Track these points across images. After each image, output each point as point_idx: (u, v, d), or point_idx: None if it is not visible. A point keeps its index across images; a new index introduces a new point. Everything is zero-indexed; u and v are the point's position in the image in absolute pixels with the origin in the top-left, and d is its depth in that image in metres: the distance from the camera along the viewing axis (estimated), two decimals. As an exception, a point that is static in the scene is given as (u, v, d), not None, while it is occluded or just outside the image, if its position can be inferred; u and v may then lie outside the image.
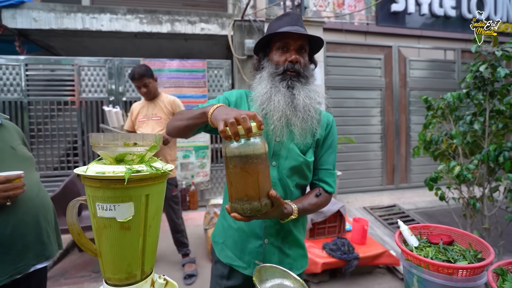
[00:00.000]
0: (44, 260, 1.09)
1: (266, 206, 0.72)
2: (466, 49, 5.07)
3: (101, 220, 0.54)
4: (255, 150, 0.67)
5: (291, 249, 0.97)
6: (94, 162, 0.58)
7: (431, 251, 0.84)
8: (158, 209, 0.61)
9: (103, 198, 0.53)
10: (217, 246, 1.01)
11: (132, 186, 0.53)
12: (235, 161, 0.68)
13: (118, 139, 0.54)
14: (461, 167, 1.56)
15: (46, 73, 3.44)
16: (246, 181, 0.68)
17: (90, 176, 0.52)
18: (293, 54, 0.88)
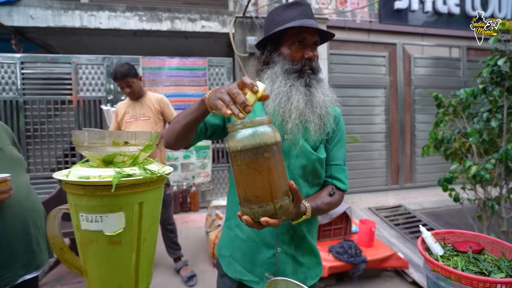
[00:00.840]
0: (33, 270, 1.01)
1: (282, 208, 0.60)
2: (471, 46, 4.98)
3: (85, 233, 0.46)
4: (263, 141, 0.55)
5: (305, 257, 0.89)
6: (78, 165, 0.50)
7: (459, 261, 0.75)
8: (154, 219, 0.52)
9: (88, 207, 0.45)
10: (223, 260, 0.92)
11: (123, 193, 0.45)
12: (240, 156, 0.57)
13: (106, 137, 0.46)
14: (478, 167, 1.48)
15: (43, 72, 3.35)
16: (254, 180, 0.57)
17: (72, 181, 0.44)
18: (311, 51, 0.83)
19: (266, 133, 0.57)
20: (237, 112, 0.55)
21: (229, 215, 0.95)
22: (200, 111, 0.71)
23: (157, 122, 2.21)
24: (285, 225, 0.85)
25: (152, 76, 3.60)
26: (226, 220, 0.96)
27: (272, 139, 0.57)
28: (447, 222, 3.24)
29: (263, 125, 0.57)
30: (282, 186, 0.59)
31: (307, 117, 0.82)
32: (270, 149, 0.56)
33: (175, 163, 3.66)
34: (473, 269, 0.72)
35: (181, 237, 2.77)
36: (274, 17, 0.86)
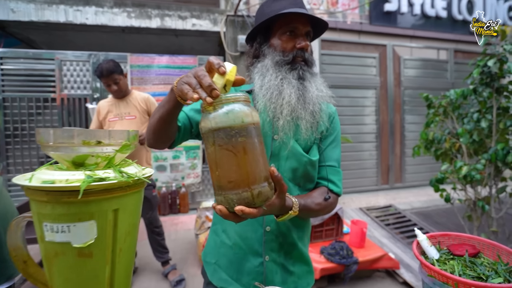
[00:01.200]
0: (4, 280, 0.94)
1: (260, 196, 0.52)
2: (458, 49, 5.10)
3: (50, 245, 0.40)
4: (237, 119, 0.50)
5: (295, 265, 0.84)
6: (44, 167, 0.44)
7: (456, 265, 0.73)
8: (132, 227, 0.47)
9: (53, 216, 0.39)
10: (209, 267, 0.87)
11: (95, 199, 0.40)
12: (213, 136, 0.51)
13: (75, 136, 0.41)
14: (469, 167, 1.48)
15: (25, 68, 3.21)
16: (228, 163, 0.50)
17: (34, 187, 0.38)
18: (303, 40, 0.78)
19: (242, 111, 0.51)
20: (204, 96, 0.50)
21: (216, 219, 0.90)
22: (171, 102, 0.64)
23: (143, 121, 2.13)
24: (274, 232, 0.80)
25: (140, 74, 3.50)
26: (213, 224, 0.91)
27: (248, 117, 0.51)
28: (436, 221, 3.28)
29: (238, 103, 0.52)
30: (260, 171, 0.52)
31: (298, 114, 0.76)
32: (246, 128, 0.51)
33: (164, 164, 3.58)
34: (470, 274, 0.69)
35: (169, 239, 2.70)
36: (264, 9, 0.82)
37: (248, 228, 0.80)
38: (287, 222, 0.81)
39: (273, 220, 0.79)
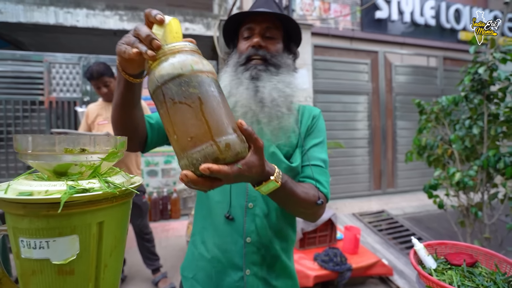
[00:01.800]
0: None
1: (228, 148, 0.43)
2: (447, 56, 5.23)
3: (27, 262, 0.37)
4: (186, 67, 0.43)
5: (278, 279, 0.78)
6: (22, 177, 0.41)
7: (454, 275, 0.71)
8: (118, 241, 0.44)
9: (30, 231, 0.36)
10: (186, 282, 0.81)
11: (77, 212, 0.37)
12: (162, 94, 0.43)
13: (56, 143, 0.38)
14: (462, 173, 1.50)
15: (12, 69, 3.11)
16: (185, 117, 0.42)
17: (9, 199, 0.35)
18: (256, 38, 0.74)
19: (190, 59, 0.44)
20: (145, 50, 0.44)
21: (194, 230, 0.84)
22: (120, 83, 0.56)
23: None
24: (255, 243, 0.75)
25: (132, 78, 3.45)
26: (192, 235, 0.85)
27: (198, 65, 0.44)
28: (428, 226, 3.31)
29: (184, 53, 0.45)
30: (223, 121, 0.44)
31: (257, 116, 0.70)
32: (197, 76, 0.44)
33: (155, 169, 3.51)
34: (469, 285, 0.68)
35: (160, 246, 2.63)
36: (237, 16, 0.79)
37: (227, 240, 0.76)
38: (270, 232, 0.76)
39: (254, 230, 0.75)
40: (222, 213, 0.77)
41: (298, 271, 2.07)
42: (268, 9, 0.75)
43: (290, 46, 0.83)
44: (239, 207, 0.76)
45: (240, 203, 0.76)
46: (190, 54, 0.45)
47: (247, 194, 0.77)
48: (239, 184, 0.76)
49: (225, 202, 0.77)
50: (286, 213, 0.79)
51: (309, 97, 3.97)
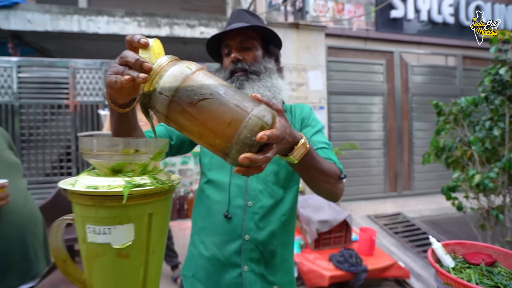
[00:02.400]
0: (29, 280, 0.97)
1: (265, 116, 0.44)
2: (467, 55, 5.08)
3: (92, 246, 0.43)
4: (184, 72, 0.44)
5: (275, 275, 0.81)
6: (85, 173, 0.48)
7: (473, 273, 0.73)
8: (163, 231, 0.50)
9: (95, 219, 0.42)
10: (186, 281, 0.84)
11: (132, 204, 0.43)
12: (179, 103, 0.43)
13: (115, 145, 0.44)
14: (481, 175, 1.48)
15: (40, 76, 3.31)
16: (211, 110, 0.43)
17: (79, 191, 0.42)
18: (233, 53, 0.80)
19: (181, 66, 0.45)
20: (136, 74, 0.43)
21: (193, 231, 0.89)
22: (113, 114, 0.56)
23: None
24: (253, 241, 0.78)
25: (150, 81, 3.58)
26: (191, 236, 0.89)
27: (191, 65, 0.46)
28: (446, 230, 3.24)
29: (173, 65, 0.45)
30: (244, 97, 0.45)
31: None
32: (198, 75, 0.45)
33: (172, 169, 3.62)
34: (487, 283, 0.70)
35: (178, 244, 2.71)
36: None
37: (226, 238, 0.79)
38: (269, 228, 0.79)
39: (253, 228, 0.79)
40: (221, 212, 0.80)
41: (313, 271, 2.10)
42: (240, 21, 0.81)
43: (270, 49, 0.87)
44: (238, 206, 0.80)
45: (239, 203, 0.80)
46: (177, 63, 0.46)
47: (247, 193, 0.80)
48: (239, 184, 0.80)
49: (224, 202, 0.80)
50: (285, 208, 0.82)
51: (323, 98, 3.97)
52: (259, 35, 0.83)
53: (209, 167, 0.86)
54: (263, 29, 0.81)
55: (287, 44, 3.83)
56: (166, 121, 0.46)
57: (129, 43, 0.47)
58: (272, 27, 3.85)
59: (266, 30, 0.82)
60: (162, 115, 0.45)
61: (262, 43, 0.85)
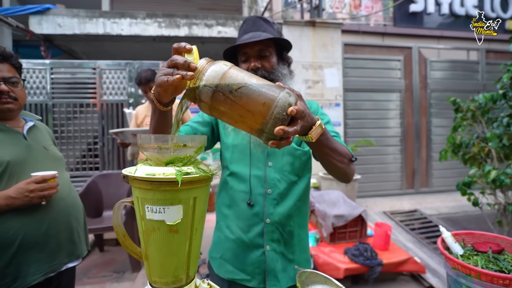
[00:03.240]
0: (75, 259, 1.11)
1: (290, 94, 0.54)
2: (490, 49, 4.89)
3: (149, 222, 0.53)
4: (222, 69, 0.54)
5: (294, 254, 0.92)
6: (141, 164, 0.58)
7: (479, 260, 0.79)
8: (203, 213, 0.60)
9: (153, 200, 0.52)
10: (214, 262, 0.96)
11: (182, 189, 0.52)
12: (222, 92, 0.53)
13: (169, 140, 0.54)
14: (498, 171, 1.49)
15: (69, 76, 3.55)
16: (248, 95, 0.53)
17: (140, 177, 0.52)
18: (252, 62, 0.87)
19: (219, 64, 0.55)
20: (185, 73, 0.52)
21: (218, 218, 0.99)
22: (156, 113, 0.67)
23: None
24: (273, 223, 0.88)
25: (171, 81, 3.73)
26: (216, 223, 1.00)
27: (226, 63, 0.56)
28: (465, 227, 3.19)
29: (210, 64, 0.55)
30: (270, 83, 0.56)
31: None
32: (232, 70, 0.55)
33: (191, 165, 3.77)
34: (493, 268, 0.75)
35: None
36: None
37: (249, 222, 0.89)
38: (286, 212, 0.89)
39: (272, 212, 0.88)
40: (244, 200, 0.90)
41: (329, 263, 2.17)
42: (257, 30, 0.88)
43: (283, 55, 0.95)
44: (259, 194, 0.89)
45: (259, 191, 0.89)
46: (214, 62, 0.56)
47: (266, 182, 0.90)
48: (258, 175, 0.90)
49: (246, 191, 0.90)
50: (300, 193, 0.92)
51: (339, 96, 3.98)
52: (273, 43, 0.91)
53: (231, 161, 0.95)
54: (279, 38, 0.89)
55: (304, 42, 3.86)
56: (209, 110, 0.56)
57: (176, 50, 0.57)
58: (288, 26, 3.91)
59: (282, 39, 0.90)
60: (207, 104, 0.55)
61: (276, 49, 0.93)
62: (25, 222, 0.93)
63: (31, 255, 0.93)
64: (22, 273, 0.92)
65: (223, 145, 0.97)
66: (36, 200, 0.92)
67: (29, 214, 0.94)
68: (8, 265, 0.89)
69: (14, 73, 1.01)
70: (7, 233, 0.89)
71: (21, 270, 0.92)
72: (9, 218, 0.90)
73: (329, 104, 3.93)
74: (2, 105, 0.97)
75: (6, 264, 0.89)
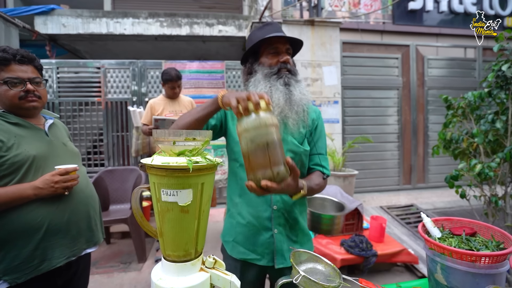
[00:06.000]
0: (92, 245, 1.21)
1: (279, 175, 0.73)
2: (487, 46, 4.95)
3: (164, 204, 0.63)
4: (262, 123, 0.71)
5: (298, 236, 1.05)
6: (156, 155, 0.68)
7: (454, 241, 0.89)
8: (209, 197, 0.69)
9: (168, 185, 0.62)
10: (228, 245, 1.06)
11: (192, 175, 0.62)
12: (247, 135, 0.72)
13: (181, 134, 0.64)
14: (483, 165, 1.58)
15: (75, 75, 3.64)
16: (257, 152, 0.72)
17: (157, 165, 0.61)
18: (285, 55, 0.99)
19: (266, 117, 0.72)
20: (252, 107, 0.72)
21: (229, 206, 1.11)
22: (213, 107, 0.86)
23: None
24: (280, 210, 1.00)
25: (173, 79, 3.82)
26: (228, 210, 1.12)
27: (269, 121, 0.72)
28: (459, 221, 3.29)
29: (263, 112, 0.72)
30: (279, 158, 0.73)
31: (286, 113, 0.95)
32: (268, 129, 0.71)
33: (194, 161, 3.87)
34: (464, 247, 0.85)
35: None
36: (251, 37, 1.04)
37: (259, 209, 1.00)
38: (291, 200, 1.01)
39: (279, 200, 1.00)
40: None
41: (325, 254, 2.27)
42: (282, 33, 1.01)
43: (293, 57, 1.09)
44: None
45: None
46: (268, 113, 0.73)
47: None
48: None
49: None
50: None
51: (338, 93, 4.07)
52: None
53: (240, 154, 1.07)
54: (299, 47, 1.05)
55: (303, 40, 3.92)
56: (237, 131, 0.75)
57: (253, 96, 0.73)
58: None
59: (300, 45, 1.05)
60: (237, 128, 0.75)
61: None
62: (50, 210, 1.02)
63: (55, 240, 1.03)
64: (48, 256, 1.02)
65: (231, 140, 1.07)
66: (60, 190, 1.02)
67: (54, 203, 1.04)
68: (36, 249, 0.99)
69: (37, 74, 1.11)
70: (35, 219, 0.99)
71: (47, 254, 1.01)
72: (37, 207, 1.00)
73: (327, 101, 4.02)
74: (28, 103, 1.07)
75: (34, 248, 0.99)
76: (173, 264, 0.66)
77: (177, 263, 0.66)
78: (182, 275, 0.66)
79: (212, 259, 0.72)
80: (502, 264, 0.76)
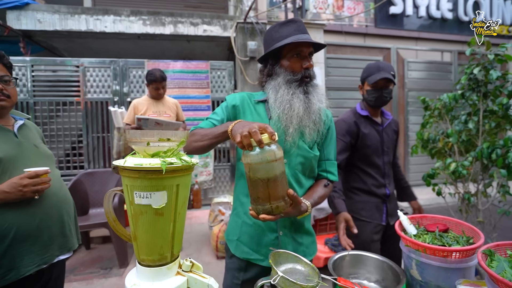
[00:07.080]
0: (66, 251, 1.16)
1: (277, 209, 0.78)
2: (462, 51, 5.19)
3: (138, 207, 0.61)
4: (264, 159, 0.73)
5: (303, 238, 1.05)
6: (129, 156, 0.65)
7: (428, 238, 0.92)
8: (185, 198, 0.68)
9: (141, 187, 0.60)
10: (231, 243, 1.06)
11: (166, 177, 0.60)
12: (249, 167, 0.76)
13: (154, 135, 0.62)
14: (457, 164, 1.65)
15: (52, 74, 3.49)
16: (258, 186, 0.76)
17: (129, 167, 0.59)
18: (308, 61, 0.97)
19: (269, 153, 0.74)
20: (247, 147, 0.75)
21: (236, 205, 1.09)
22: (223, 137, 0.88)
23: (174, 119, 2.58)
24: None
25: (156, 79, 3.74)
26: (234, 209, 1.10)
27: (272, 157, 0.74)
28: (437, 218, 3.42)
29: (267, 145, 0.74)
30: (279, 193, 0.77)
31: (304, 123, 0.96)
32: (270, 164, 0.74)
33: (178, 162, 3.81)
34: (437, 243, 0.88)
35: (185, 232, 2.92)
36: (272, 34, 1.00)
37: None
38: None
39: None
40: None
41: (310, 253, 2.29)
42: (306, 34, 0.99)
43: None
44: None
45: None
46: (274, 145, 0.75)
47: None
48: None
49: None
50: (305, 190, 1.05)
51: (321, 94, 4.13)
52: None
53: None
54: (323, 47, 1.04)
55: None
56: (242, 159, 0.79)
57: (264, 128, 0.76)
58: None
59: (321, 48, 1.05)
60: (242, 159, 0.79)
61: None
62: (19, 215, 0.97)
63: (24, 247, 0.98)
64: (16, 264, 0.96)
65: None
66: (29, 194, 0.97)
67: (23, 208, 0.98)
68: (2, 257, 0.93)
69: (5, 72, 1.05)
70: (1, 226, 0.93)
71: (15, 262, 0.96)
72: (3, 212, 0.94)
73: (312, 102, 4.07)
74: None
75: (0, 256, 0.93)
76: (148, 268, 0.64)
77: (152, 267, 0.64)
78: (157, 280, 0.64)
79: (189, 263, 0.70)
80: (471, 258, 0.79)
